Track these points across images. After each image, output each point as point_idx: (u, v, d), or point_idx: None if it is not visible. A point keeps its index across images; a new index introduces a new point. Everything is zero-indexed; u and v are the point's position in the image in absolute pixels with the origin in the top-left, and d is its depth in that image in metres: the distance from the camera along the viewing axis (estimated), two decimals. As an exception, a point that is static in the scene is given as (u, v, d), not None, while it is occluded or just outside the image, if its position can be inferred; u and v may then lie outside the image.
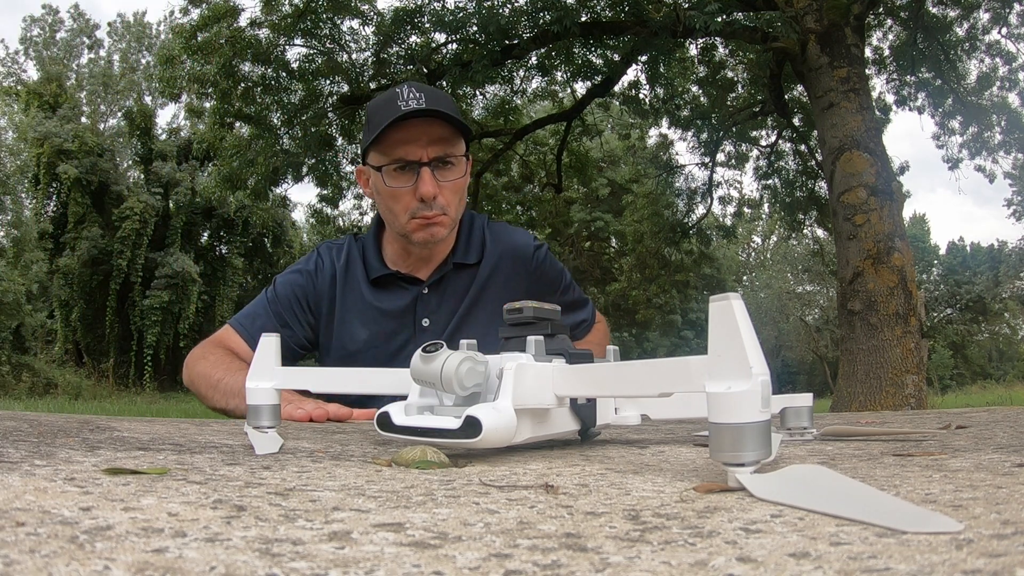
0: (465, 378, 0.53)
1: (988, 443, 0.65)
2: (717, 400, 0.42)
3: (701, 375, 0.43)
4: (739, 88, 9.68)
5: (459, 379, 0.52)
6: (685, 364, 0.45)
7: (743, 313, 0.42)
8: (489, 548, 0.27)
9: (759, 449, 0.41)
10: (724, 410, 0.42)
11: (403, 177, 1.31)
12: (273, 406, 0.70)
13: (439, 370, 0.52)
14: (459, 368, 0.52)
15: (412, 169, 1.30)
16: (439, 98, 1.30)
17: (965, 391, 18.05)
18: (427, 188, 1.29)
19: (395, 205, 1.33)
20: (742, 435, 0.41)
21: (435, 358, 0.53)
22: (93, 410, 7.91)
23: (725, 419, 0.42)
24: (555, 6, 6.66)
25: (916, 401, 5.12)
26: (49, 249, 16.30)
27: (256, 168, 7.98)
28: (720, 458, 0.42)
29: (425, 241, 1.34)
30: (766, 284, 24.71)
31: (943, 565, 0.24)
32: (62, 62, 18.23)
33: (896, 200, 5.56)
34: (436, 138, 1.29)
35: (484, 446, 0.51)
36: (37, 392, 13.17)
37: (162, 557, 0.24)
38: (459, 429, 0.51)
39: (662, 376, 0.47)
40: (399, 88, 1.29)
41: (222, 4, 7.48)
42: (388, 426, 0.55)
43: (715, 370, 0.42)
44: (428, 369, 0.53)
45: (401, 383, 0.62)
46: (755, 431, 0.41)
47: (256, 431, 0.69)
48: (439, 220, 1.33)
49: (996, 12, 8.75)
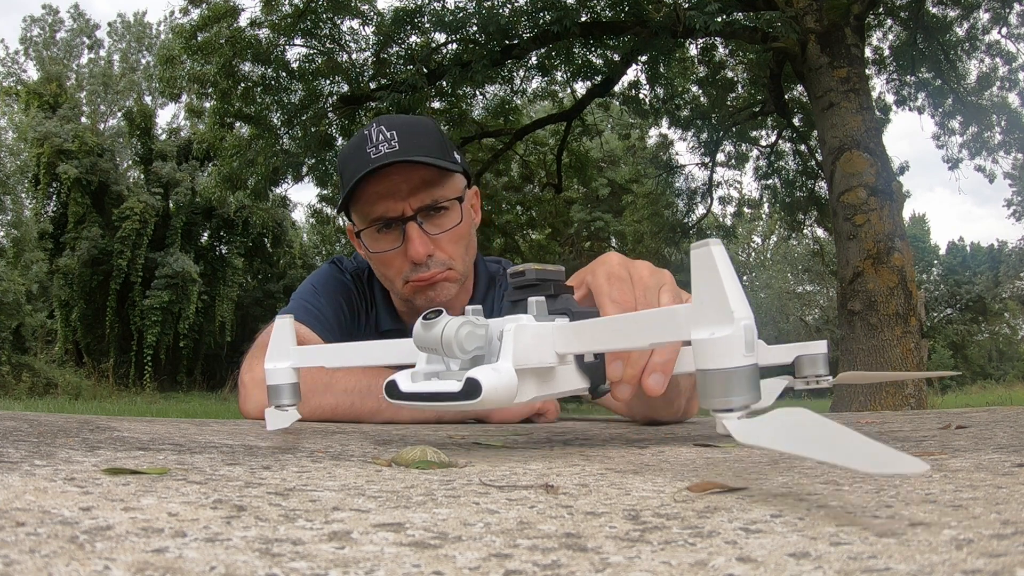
0: (465, 341, 0.53)
1: (988, 443, 0.65)
2: (701, 346, 0.42)
3: (688, 323, 0.44)
4: (739, 88, 9.69)
5: (459, 343, 0.53)
6: (673, 313, 0.46)
7: (724, 259, 0.42)
8: (489, 548, 0.27)
9: (746, 394, 0.41)
10: (708, 356, 0.42)
11: (388, 238, 1.13)
12: (292, 385, 0.73)
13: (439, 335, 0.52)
14: (458, 332, 0.53)
15: (397, 227, 1.11)
16: (416, 135, 1.10)
17: (965, 391, 18.05)
18: (416, 250, 1.10)
19: (387, 270, 1.16)
20: (727, 380, 0.41)
21: (435, 324, 0.53)
22: (93, 410, 7.91)
23: (709, 365, 0.42)
24: (555, 6, 6.67)
25: (916, 401, 5.12)
26: (49, 249, 16.31)
27: (256, 168, 7.99)
28: (707, 404, 0.42)
29: (431, 305, 1.14)
30: (766, 284, 24.72)
31: (943, 565, 0.24)
32: (62, 62, 18.23)
33: (896, 200, 5.56)
34: (418, 184, 1.10)
35: (486, 407, 0.51)
36: (37, 392, 13.17)
37: (162, 557, 0.24)
38: (460, 392, 0.51)
39: (653, 327, 0.47)
40: (368, 129, 1.10)
41: (222, 4, 7.48)
42: (395, 393, 0.56)
43: (698, 317, 0.43)
44: (429, 336, 0.53)
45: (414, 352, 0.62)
46: (741, 376, 0.41)
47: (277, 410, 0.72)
48: (443, 277, 1.14)
49: (996, 12, 8.75)
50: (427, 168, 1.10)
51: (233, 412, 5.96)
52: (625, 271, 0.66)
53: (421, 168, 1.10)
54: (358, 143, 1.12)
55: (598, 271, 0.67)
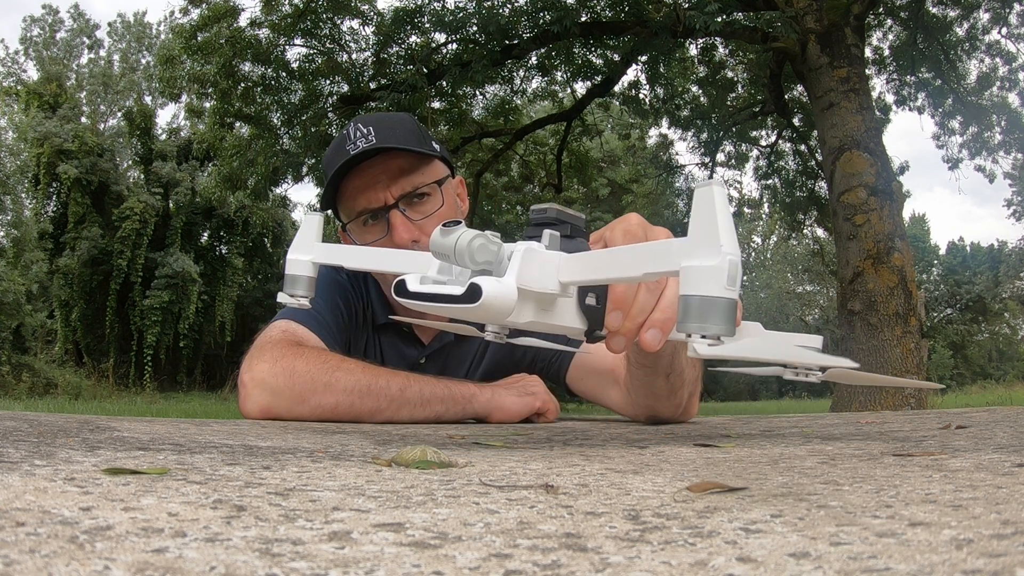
0: (476, 253, 0.55)
1: (988, 443, 0.66)
2: (687, 273, 0.44)
3: (680, 255, 0.46)
4: (739, 88, 9.69)
5: (471, 253, 0.55)
6: (668, 246, 0.48)
7: (723, 199, 0.45)
8: (489, 548, 0.27)
9: (722, 324, 0.43)
10: (691, 283, 0.44)
11: (374, 229, 1.15)
12: (310, 278, 0.78)
13: (454, 243, 0.55)
14: (471, 242, 0.55)
15: (381, 217, 1.14)
16: (392, 127, 1.13)
17: (965, 391, 18.05)
18: (401, 235, 1.12)
19: None
20: (705, 307, 0.43)
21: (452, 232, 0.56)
22: (93, 410, 7.91)
23: (691, 291, 0.44)
24: (555, 6, 6.67)
25: (916, 401, 5.12)
26: (49, 249, 16.31)
27: (256, 168, 7.99)
28: (683, 328, 0.44)
29: None
30: (766, 284, 24.72)
31: (943, 565, 0.24)
32: (62, 62, 18.24)
33: (896, 200, 5.56)
34: (397, 172, 1.12)
35: (484, 313, 0.53)
36: (37, 392, 13.17)
37: (162, 557, 0.24)
38: (462, 295, 0.53)
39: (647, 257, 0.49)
40: (347, 129, 1.14)
41: (222, 4, 7.48)
42: (403, 292, 0.58)
43: (690, 249, 0.45)
44: (445, 242, 0.55)
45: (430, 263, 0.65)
46: (718, 305, 0.43)
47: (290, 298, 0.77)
48: None
49: (996, 12, 8.75)
50: (404, 157, 1.12)
51: (233, 412, 5.96)
52: (642, 231, 0.68)
53: (399, 157, 1.12)
54: (338, 143, 1.15)
55: (616, 227, 0.69)
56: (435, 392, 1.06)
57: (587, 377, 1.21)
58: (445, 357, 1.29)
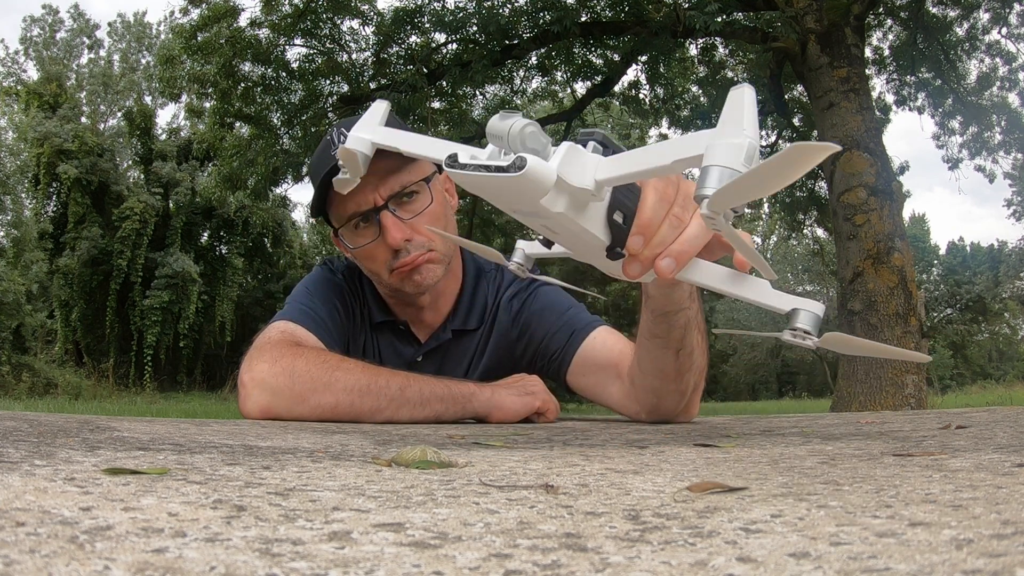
0: (528, 139, 0.58)
1: (988, 443, 0.66)
2: (712, 148, 0.49)
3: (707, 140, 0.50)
4: (739, 88, 9.68)
5: (523, 138, 0.58)
6: (697, 136, 0.52)
7: (752, 100, 0.50)
8: (489, 548, 0.27)
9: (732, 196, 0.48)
10: (714, 155, 0.48)
11: (365, 232, 1.16)
12: (365, 155, 0.82)
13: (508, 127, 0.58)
14: (524, 128, 0.58)
15: (372, 219, 1.14)
16: None
17: (965, 391, 18.06)
18: (393, 236, 1.13)
19: (372, 264, 1.18)
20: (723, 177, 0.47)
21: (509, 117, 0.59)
22: (93, 410, 7.91)
23: (711, 162, 0.48)
24: (555, 6, 6.67)
25: (916, 401, 5.12)
26: (49, 249, 16.32)
27: (256, 168, 7.99)
28: (699, 192, 0.48)
29: (419, 289, 1.18)
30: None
31: (943, 565, 0.24)
32: (62, 62, 18.24)
33: (896, 200, 5.56)
34: (383, 173, 1.12)
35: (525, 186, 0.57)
36: (37, 392, 13.18)
37: (162, 557, 0.24)
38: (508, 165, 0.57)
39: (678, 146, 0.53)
40: (330, 134, 1.15)
41: (222, 4, 7.48)
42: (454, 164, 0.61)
43: (717, 135, 0.50)
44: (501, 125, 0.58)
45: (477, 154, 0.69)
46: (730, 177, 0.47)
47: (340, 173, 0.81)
48: (426, 259, 1.16)
49: (996, 12, 8.75)
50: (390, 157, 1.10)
51: (233, 412, 5.96)
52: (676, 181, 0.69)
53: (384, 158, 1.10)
54: (323, 149, 1.16)
55: None
56: (435, 391, 1.06)
57: (589, 372, 1.20)
58: (442, 355, 1.29)
